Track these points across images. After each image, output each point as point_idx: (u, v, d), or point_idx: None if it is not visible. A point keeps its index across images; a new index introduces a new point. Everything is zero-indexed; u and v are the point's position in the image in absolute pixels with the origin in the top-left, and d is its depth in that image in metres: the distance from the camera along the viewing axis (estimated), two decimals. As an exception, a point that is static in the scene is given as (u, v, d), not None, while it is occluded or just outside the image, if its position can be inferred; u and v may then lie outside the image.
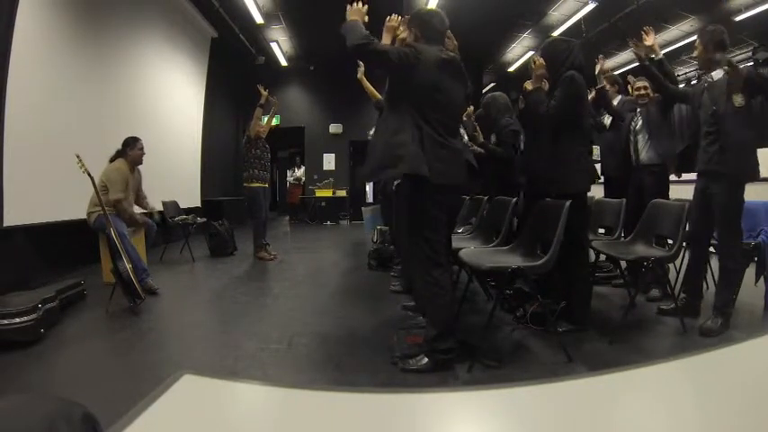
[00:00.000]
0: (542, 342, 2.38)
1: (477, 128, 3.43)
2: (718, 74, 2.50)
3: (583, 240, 2.60)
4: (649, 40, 2.85)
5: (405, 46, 2.06)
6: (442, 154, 2.01)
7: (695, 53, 2.57)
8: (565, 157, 2.46)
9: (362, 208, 5.89)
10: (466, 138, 3.24)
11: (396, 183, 3.06)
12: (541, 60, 2.49)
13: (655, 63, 2.81)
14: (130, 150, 3.67)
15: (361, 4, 2.04)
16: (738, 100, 2.37)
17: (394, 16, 2.20)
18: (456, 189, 2.19)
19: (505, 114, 3.41)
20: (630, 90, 3.47)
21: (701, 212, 2.58)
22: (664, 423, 0.48)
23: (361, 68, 3.41)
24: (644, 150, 3.24)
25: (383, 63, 1.98)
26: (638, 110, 3.31)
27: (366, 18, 2.02)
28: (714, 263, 2.79)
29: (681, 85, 3.14)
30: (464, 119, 3.02)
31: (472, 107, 3.49)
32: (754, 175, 2.45)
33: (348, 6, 2.02)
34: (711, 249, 2.79)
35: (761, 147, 2.49)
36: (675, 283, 2.95)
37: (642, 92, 3.29)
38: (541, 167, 2.56)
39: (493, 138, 3.46)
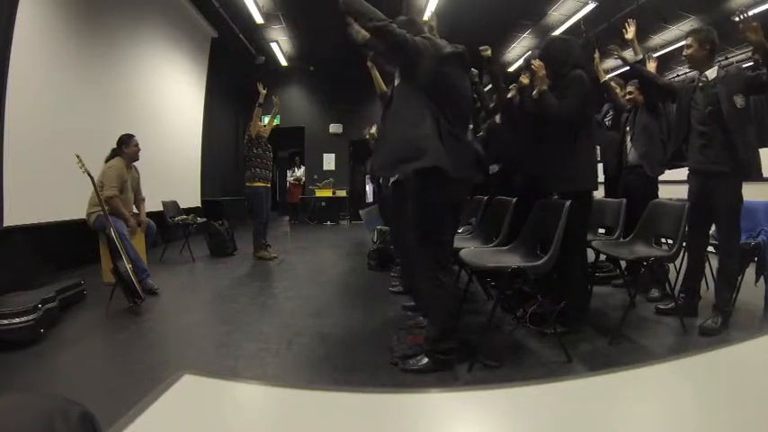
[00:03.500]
0: (542, 342, 2.38)
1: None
2: (712, 73, 2.49)
3: (581, 240, 2.60)
4: (630, 33, 2.90)
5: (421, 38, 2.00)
6: (457, 148, 1.98)
7: (689, 51, 2.54)
8: (575, 155, 2.47)
9: (360, 211, 5.82)
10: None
11: (392, 181, 3.03)
12: (539, 62, 2.50)
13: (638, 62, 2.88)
14: (126, 148, 3.66)
15: None
16: (739, 101, 2.37)
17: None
18: (467, 182, 2.15)
19: None
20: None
21: (698, 213, 2.58)
22: (664, 423, 0.48)
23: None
24: (631, 151, 3.30)
25: (399, 48, 1.91)
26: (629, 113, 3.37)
27: None
28: (713, 262, 2.79)
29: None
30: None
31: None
32: (757, 172, 2.45)
33: None
34: (710, 249, 2.80)
35: (762, 146, 2.51)
36: (675, 284, 2.95)
37: (630, 96, 3.34)
38: (550, 166, 2.55)
39: None
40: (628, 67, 2.94)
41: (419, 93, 1.98)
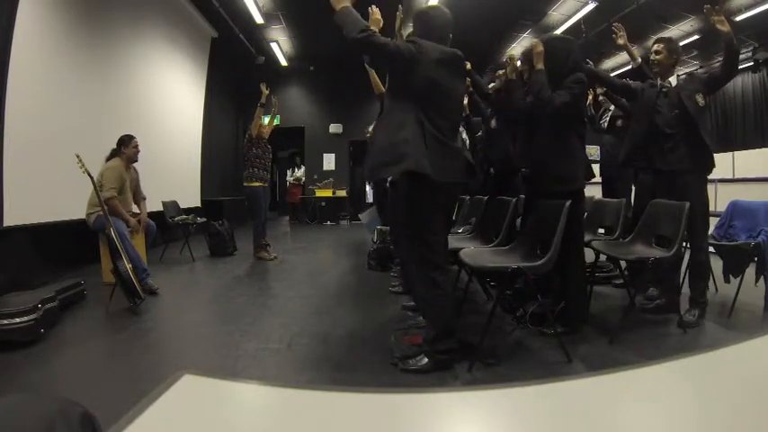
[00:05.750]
0: (542, 342, 2.38)
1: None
2: (672, 80, 2.68)
3: (579, 239, 2.60)
4: (621, 39, 2.93)
5: (407, 41, 2.03)
6: (443, 151, 1.99)
7: (658, 57, 2.66)
8: (568, 153, 2.47)
9: (359, 215, 5.80)
10: (464, 134, 3.20)
11: (389, 181, 3.04)
12: (541, 47, 2.50)
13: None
14: (125, 149, 3.67)
15: None
16: (700, 100, 2.53)
17: (375, 8, 2.18)
18: (455, 186, 2.16)
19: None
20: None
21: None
22: (664, 423, 0.48)
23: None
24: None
25: (383, 57, 1.94)
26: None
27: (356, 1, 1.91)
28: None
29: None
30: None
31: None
32: (712, 166, 2.63)
33: None
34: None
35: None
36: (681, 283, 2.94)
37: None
38: (545, 164, 2.54)
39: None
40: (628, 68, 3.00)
41: (405, 97, 2.00)
